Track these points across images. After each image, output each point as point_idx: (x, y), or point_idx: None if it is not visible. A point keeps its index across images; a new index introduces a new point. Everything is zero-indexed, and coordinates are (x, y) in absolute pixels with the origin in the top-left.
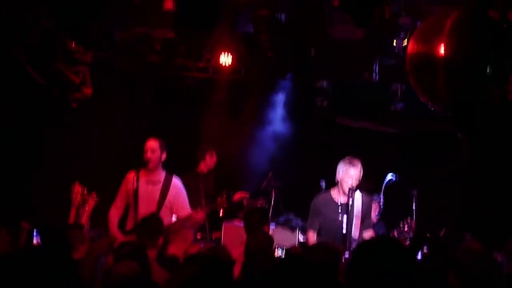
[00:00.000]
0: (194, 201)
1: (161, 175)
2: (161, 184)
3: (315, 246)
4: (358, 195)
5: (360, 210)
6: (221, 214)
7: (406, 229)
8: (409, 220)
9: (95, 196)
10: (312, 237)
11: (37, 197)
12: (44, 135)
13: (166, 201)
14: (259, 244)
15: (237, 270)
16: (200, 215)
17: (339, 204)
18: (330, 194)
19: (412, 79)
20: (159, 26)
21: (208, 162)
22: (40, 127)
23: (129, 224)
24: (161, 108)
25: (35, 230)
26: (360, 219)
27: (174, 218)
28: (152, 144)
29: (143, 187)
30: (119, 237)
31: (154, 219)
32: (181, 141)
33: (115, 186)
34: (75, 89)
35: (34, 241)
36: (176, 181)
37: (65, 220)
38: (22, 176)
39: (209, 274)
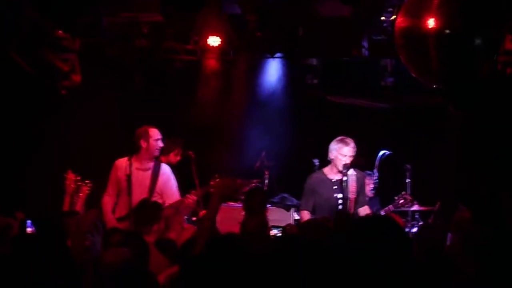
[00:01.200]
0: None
1: (151, 162)
2: (151, 171)
3: (310, 222)
4: (351, 172)
5: (355, 186)
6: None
7: (401, 201)
8: (404, 194)
9: (89, 183)
10: (307, 216)
11: (30, 187)
12: (35, 124)
13: (157, 187)
14: (256, 227)
15: None
16: (191, 199)
17: (333, 181)
18: (323, 172)
19: (402, 54)
20: (146, 10)
21: (171, 159)
22: (30, 116)
23: (122, 211)
24: (150, 92)
25: (28, 220)
26: (355, 195)
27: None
28: (158, 133)
29: (135, 174)
30: (114, 223)
31: (151, 204)
32: (172, 125)
33: (108, 172)
34: (64, 76)
35: (28, 231)
36: (165, 168)
37: (59, 209)
38: (13, 167)
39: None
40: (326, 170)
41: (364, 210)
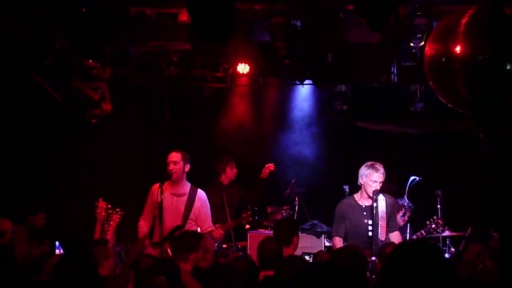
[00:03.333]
0: (218, 214)
1: (186, 187)
2: (186, 197)
3: (341, 250)
4: (381, 197)
5: (385, 212)
6: (246, 227)
7: (433, 226)
8: (436, 218)
9: (119, 211)
10: (339, 243)
11: (59, 215)
12: (63, 152)
13: (192, 214)
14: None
15: None
16: (219, 233)
17: (363, 207)
18: (354, 198)
19: (431, 80)
20: (175, 39)
21: (229, 174)
22: (59, 144)
23: (155, 237)
24: (180, 120)
25: (57, 242)
26: (385, 221)
27: (198, 230)
28: (174, 156)
29: (167, 200)
30: (149, 249)
31: (191, 233)
32: (201, 152)
33: (138, 200)
34: (94, 105)
35: (57, 252)
36: (201, 194)
37: (90, 237)
38: (43, 194)
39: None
40: (357, 196)
41: (395, 236)
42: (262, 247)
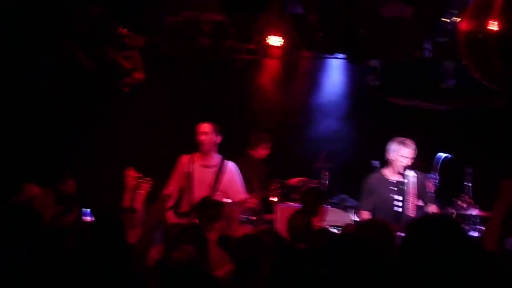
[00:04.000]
0: (247, 186)
1: (216, 159)
2: (216, 168)
3: (368, 222)
4: (412, 173)
5: (416, 188)
6: (274, 199)
7: (464, 205)
8: (465, 197)
9: (149, 180)
10: (366, 217)
11: (89, 183)
12: (95, 121)
13: (221, 185)
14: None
15: None
16: (254, 201)
17: (393, 182)
18: (382, 173)
19: (465, 56)
20: (208, 10)
21: (260, 152)
22: (91, 113)
23: (183, 207)
24: (211, 91)
25: (86, 210)
26: (416, 197)
27: (227, 201)
28: (205, 127)
29: (197, 171)
30: (174, 219)
31: (214, 203)
32: (232, 125)
33: (167, 170)
34: (127, 74)
35: (87, 219)
36: (232, 166)
37: (119, 205)
38: (73, 162)
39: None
40: (385, 171)
41: (432, 209)
42: (292, 222)
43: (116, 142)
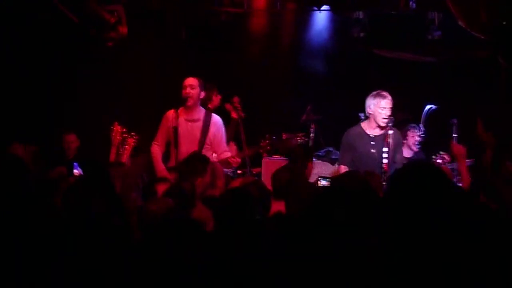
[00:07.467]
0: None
1: (201, 113)
2: (201, 122)
3: (343, 175)
4: (390, 131)
5: (392, 144)
6: (264, 155)
7: (439, 161)
8: (442, 154)
9: (134, 135)
10: (344, 171)
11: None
12: (79, 75)
13: (207, 139)
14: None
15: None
16: (236, 161)
17: (372, 137)
18: (361, 127)
19: (451, 4)
20: None
21: (215, 102)
22: (74, 67)
23: (171, 162)
24: (195, 45)
25: (74, 163)
26: (390, 153)
27: (214, 156)
28: (191, 80)
29: (183, 125)
30: (165, 173)
31: (198, 157)
32: (216, 80)
33: (153, 125)
34: (111, 28)
35: (76, 172)
36: (216, 118)
37: (105, 160)
38: (58, 118)
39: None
40: (364, 125)
41: None
42: (275, 176)
43: (101, 97)
